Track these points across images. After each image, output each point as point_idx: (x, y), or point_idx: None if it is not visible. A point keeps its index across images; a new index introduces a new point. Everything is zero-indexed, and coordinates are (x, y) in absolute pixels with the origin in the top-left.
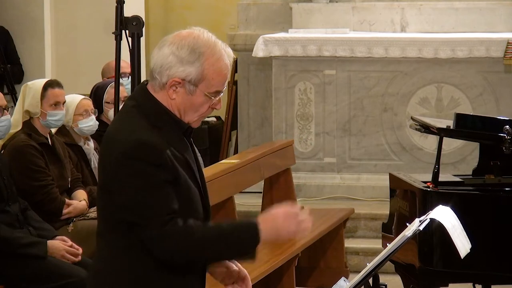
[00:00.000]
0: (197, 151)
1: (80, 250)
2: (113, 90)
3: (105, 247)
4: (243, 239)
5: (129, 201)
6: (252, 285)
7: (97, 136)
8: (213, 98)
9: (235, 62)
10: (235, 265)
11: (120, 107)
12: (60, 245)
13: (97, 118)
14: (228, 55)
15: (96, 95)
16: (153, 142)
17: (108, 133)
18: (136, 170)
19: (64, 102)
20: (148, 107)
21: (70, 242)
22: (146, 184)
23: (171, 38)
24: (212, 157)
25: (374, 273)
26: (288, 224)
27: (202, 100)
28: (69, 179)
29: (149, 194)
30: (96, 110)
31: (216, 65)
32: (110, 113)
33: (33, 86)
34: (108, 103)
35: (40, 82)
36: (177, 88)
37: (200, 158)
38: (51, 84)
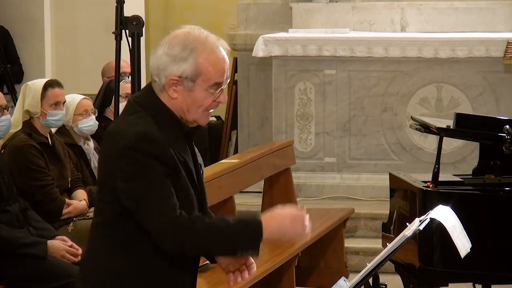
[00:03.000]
0: (197, 152)
1: (80, 250)
2: (126, 85)
3: (97, 239)
4: (247, 233)
5: (134, 191)
6: (252, 285)
7: (99, 134)
8: (214, 91)
9: (235, 62)
10: None
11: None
12: (60, 245)
13: (101, 115)
14: (222, 47)
15: (109, 88)
16: (157, 136)
17: (111, 128)
18: (140, 161)
19: (64, 102)
20: (151, 105)
21: (70, 242)
22: (150, 176)
23: (164, 39)
24: (212, 157)
25: (374, 273)
26: (295, 226)
27: (203, 95)
28: (69, 179)
29: (153, 186)
30: (96, 110)
31: (210, 57)
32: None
33: (33, 86)
34: (121, 96)
35: (40, 82)
36: (176, 87)
37: (200, 160)
38: (51, 84)
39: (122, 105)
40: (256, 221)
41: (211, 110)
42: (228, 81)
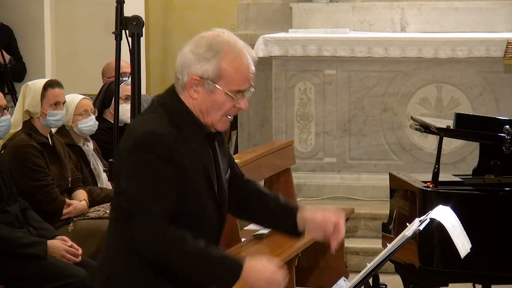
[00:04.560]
0: (228, 150)
1: (80, 251)
2: (126, 86)
3: (111, 234)
4: (225, 269)
5: (130, 189)
6: None
7: (99, 135)
8: (234, 96)
9: None
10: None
11: (121, 106)
12: (60, 245)
13: (100, 116)
14: (250, 55)
15: (109, 89)
16: (166, 136)
17: (130, 125)
18: (144, 160)
19: (64, 102)
20: (172, 106)
21: (70, 242)
22: (149, 175)
23: (193, 39)
24: None
25: (374, 273)
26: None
27: (223, 99)
28: (69, 179)
29: (149, 188)
30: (96, 110)
31: (235, 62)
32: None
33: (33, 86)
34: (121, 98)
35: (40, 82)
36: (197, 87)
37: (227, 159)
38: (51, 84)
39: (122, 107)
40: (239, 263)
41: (230, 117)
42: (252, 90)
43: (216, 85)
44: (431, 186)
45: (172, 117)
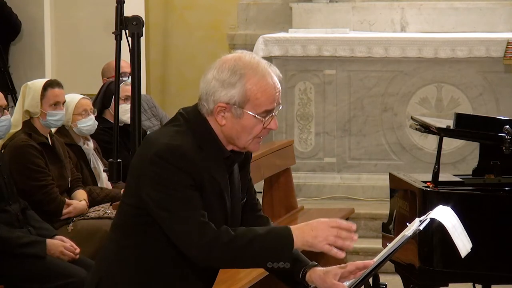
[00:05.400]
0: (249, 175)
1: (78, 250)
2: (126, 87)
3: (112, 240)
4: (277, 241)
5: (161, 199)
6: (252, 285)
7: (98, 135)
8: (263, 118)
9: None
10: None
11: (120, 107)
12: (59, 243)
13: (100, 116)
14: (274, 73)
15: (109, 89)
16: (187, 151)
17: (150, 135)
18: (167, 171)
19: (64, 102)
20: (195, 122)
21: (69, 242)
22: (177, 186)
23: (215, 63)
24: None
25: (374, 273)
26: (325, 234)
27: (252, 122)
28: (69, 179)
29: (181, 196)
30: (95, 109)
31: (260, 83)
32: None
33: (33, 86)
34: (120, 98)
35: (40, 82)
36: (224, 113)
37: (246, 184)
38: (51, 84)
39: (122, 107)
40: (286, 229)
41: (262, 138)
42: (281, 107)
43: (244, 110)
44: (431, 186)
45: (196, 136)
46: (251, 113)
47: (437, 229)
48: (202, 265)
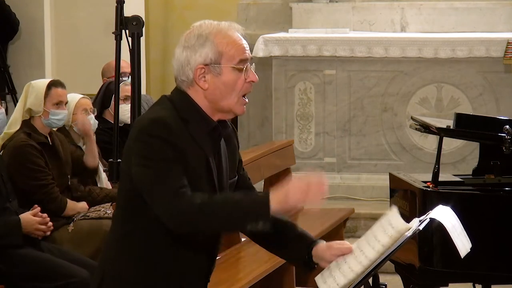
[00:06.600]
0: (239, 155)
1: (50, 223)
2: (126, 87)
3: (114, 230)
4: (253, 198)
5: (144, 175)
6: (252, 285)
7: (98, 136)
8: (242, 69)
9: None
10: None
11: (120, 106)
12: (32, 218)
13: (100, 116)
14: (235, 29)
15: (108, 89)
16: (170, 124)
17: (138, 118)
18: (151, 144)
19: (66, 102)
20: (179, 100)
21: (41, 216)
22: (159, 159)
23: (179, 42)
24: None
25: (374, 273)
26: (296, 191)
27: (233, 76)
28: (69, 176)
29: (162, 168)
30: (95, 109)
31: (227, 37)
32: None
33: (36, 85)
34: (120, 98)
35: (43, 81)
36: (205, 76)
37: (235, 161)
38: (55, 84)
39: (122, 107)
40: (264, 193)
41: (247, 100)
42: (253, 64)
43: (221, 65)
44: (431, 186)
45: (179, 110)
46: (229, 66)
47: (437, 229)
48: (181, 231)
